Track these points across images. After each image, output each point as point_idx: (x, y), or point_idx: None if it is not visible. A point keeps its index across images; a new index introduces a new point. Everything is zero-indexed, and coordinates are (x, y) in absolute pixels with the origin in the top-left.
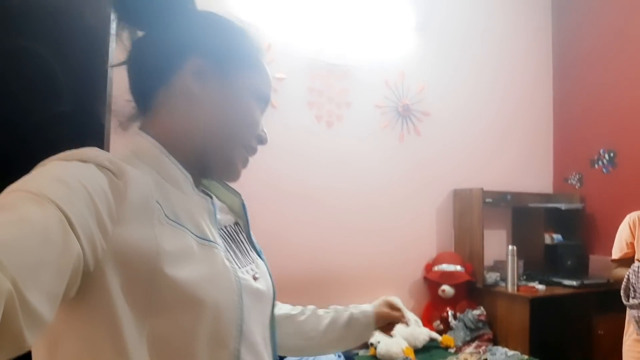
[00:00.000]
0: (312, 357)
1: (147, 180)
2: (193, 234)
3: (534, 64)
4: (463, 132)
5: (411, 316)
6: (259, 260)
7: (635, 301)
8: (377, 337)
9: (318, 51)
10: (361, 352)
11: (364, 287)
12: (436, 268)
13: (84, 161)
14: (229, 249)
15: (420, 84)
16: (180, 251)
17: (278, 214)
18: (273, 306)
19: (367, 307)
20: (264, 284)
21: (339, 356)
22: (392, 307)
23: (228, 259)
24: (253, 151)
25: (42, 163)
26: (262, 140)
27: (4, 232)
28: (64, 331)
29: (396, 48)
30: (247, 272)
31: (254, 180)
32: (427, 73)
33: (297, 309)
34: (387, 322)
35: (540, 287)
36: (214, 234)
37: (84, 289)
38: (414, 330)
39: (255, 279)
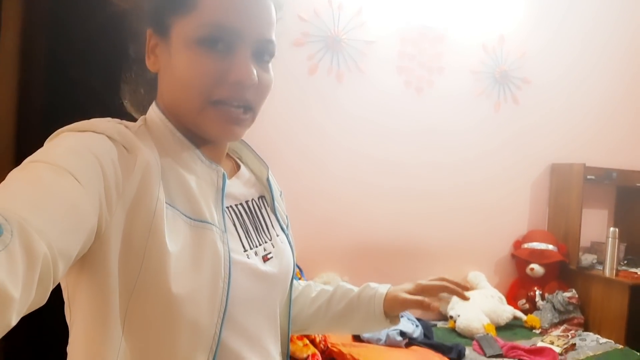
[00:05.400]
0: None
1: (155, 156)
2: (185, 215)
3: None
4: (566, 102)
5: (494, 292)
6: (280, 237)
7: None
8: (457, 311)
9: (411, 13)
10: (440, 324)
11: (447, 259)
12: (526, 245)
13: (97, 132)
14: (238, 227)
15: (521, 49)
16: (170, 234)
17: (361, 181)
18: (291, 285)
19: (382, 288)
20: (276, 265)
21: (417, 326)
22: (425, 290)
23: (223, 241)
24: (229, 103)
25: (54, 134)
26: (234, 86)
27: (37, 198)
28: (75, 291)
29: (496, 10)
30: (257, 253)
31: (335, 146)
32: (530, 37)
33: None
34: (403, 309)
35: None
36: (212, 213)
37: (88, 256)
38: (497, 307)
39: (267, 259)
